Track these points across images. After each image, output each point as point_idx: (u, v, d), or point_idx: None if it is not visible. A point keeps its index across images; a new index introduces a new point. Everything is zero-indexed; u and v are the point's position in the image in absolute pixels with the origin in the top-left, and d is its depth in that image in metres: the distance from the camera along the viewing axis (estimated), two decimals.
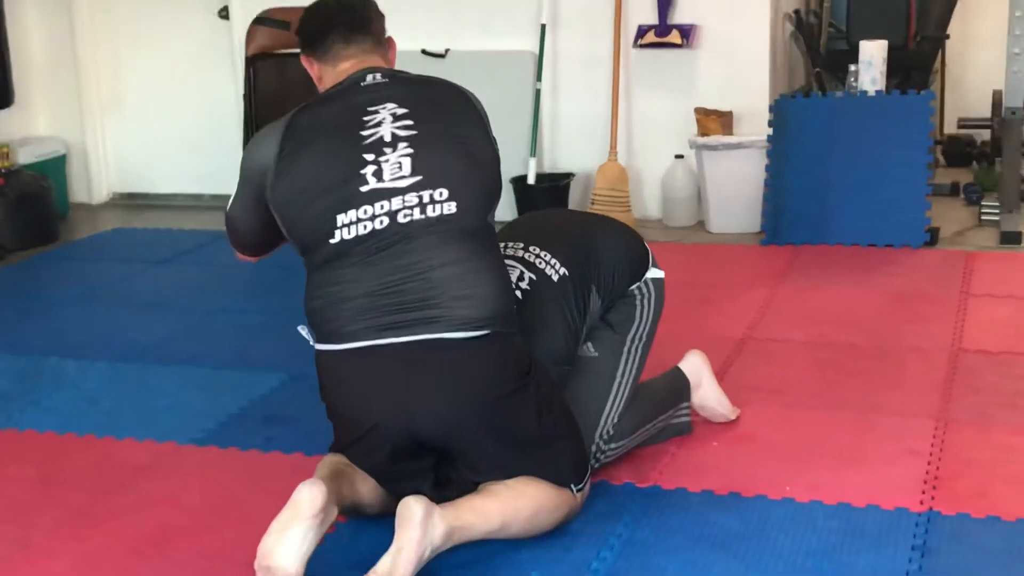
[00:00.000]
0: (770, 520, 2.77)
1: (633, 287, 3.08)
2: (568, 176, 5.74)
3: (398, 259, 2.56)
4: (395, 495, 2.59)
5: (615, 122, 5.69)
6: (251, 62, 6.29)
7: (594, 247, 3.04)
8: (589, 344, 3.02)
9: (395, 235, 2.57)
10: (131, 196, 6.86)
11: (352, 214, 2.58)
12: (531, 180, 5.68)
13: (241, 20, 6.33)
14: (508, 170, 5.76)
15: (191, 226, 6.08)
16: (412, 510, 2.43)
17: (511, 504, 2.61)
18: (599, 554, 2.64)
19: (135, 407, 3.64)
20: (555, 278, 2.92)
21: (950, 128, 6.55)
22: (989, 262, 4.85)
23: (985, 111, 6.04)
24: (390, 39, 2.92)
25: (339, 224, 2.59)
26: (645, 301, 3.09)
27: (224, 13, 6.43)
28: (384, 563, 2.42)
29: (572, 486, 2.73)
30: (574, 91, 5.84)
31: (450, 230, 2.59)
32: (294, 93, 6.24)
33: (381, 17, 2.90)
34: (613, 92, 5.68)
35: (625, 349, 3.04)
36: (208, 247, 5.64)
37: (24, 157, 6.19)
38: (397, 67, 2.87)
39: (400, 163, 2.60)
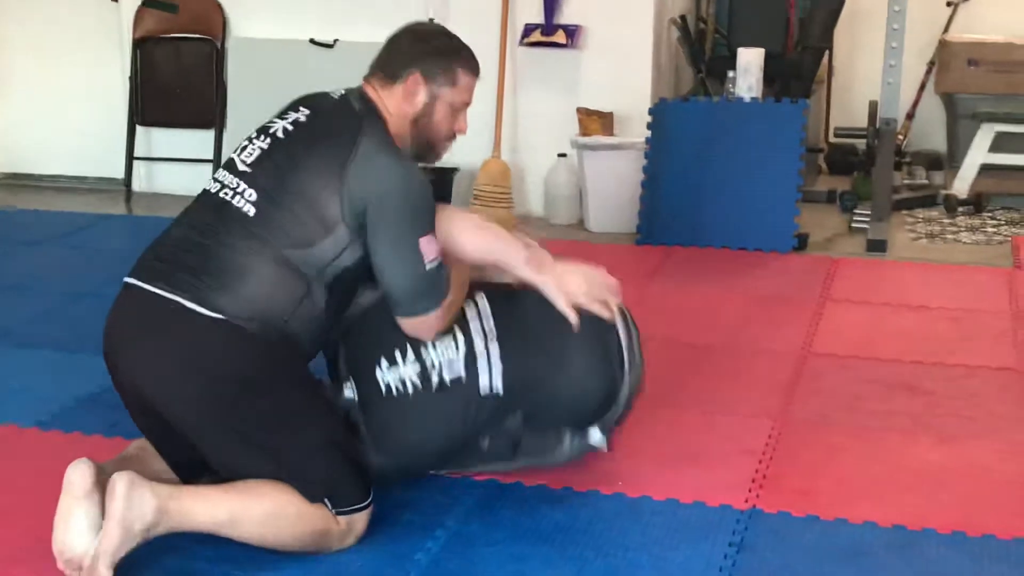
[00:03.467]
0: (598, 514, 2.83)
1: (564, 432, 2.96)
2: (453, 170, 5.77)
3: (206, 222, 2.68)
4: (182, 480, 2.63)
5: (500, 119, 5.73)
6: (138, 45, 6.25)
7: (551, 384, 2.86)
8: None
9: (214, 203, 2.70)
10: (16, 176, 6.77)
11: (215, 174, 2.82)
12: None
13: (130, 2, 6.27)
14: None
15: (72, 208, 6.02)
16: (115, 483, 2.40)
17: (242, 498, 2.52)
18: (424, 545, 2.66)
19: None
20: (482, 391, 2.79)
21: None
22: (853, 268, 4.97)
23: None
24: (409, 80, 2.79)
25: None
26: (560, 452, 2.97)
27: None
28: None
29: (327, 503, 2.59)
30: None
31: (254, 228, 2.62)
32: (182, 78, 6.24)
33: (416, 60, 2.80)
34: (499, 89, 5.72)
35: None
36: (84, 230, 5.59)
37: None
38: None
39: (253, 152, 2.74)
